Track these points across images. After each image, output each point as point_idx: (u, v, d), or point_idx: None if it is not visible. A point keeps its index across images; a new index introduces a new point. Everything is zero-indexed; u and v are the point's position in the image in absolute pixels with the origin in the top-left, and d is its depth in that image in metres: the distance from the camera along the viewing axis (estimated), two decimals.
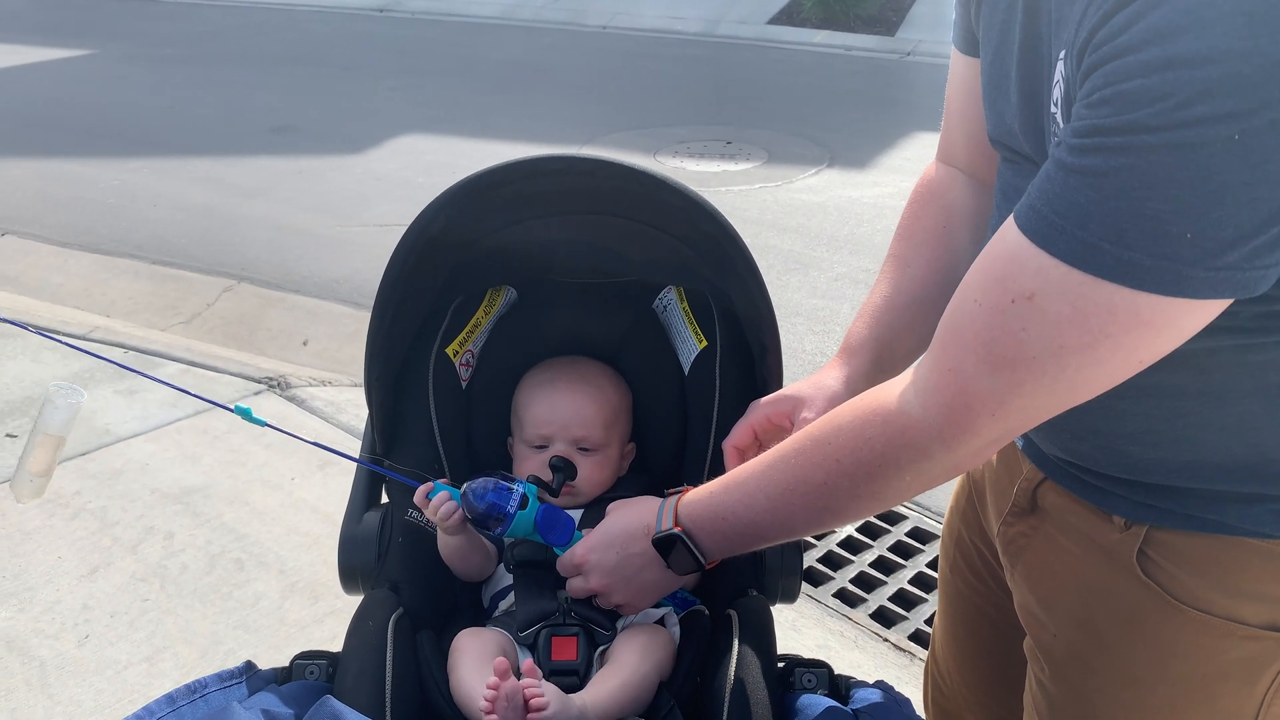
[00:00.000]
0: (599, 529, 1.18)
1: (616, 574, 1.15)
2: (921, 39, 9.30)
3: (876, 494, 0.94)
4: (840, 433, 0.95)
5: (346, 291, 4.61)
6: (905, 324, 1.20)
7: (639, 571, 1.13)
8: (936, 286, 1.18)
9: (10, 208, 5.61)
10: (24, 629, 2.47)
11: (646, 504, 1.14)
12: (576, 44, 9.76)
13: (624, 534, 1.14)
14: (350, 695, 1.10)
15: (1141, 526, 1.00)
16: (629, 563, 1.14)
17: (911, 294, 1.20)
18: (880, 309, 1.21)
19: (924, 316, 1.19)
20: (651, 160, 6.28)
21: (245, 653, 2.39)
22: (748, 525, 1.02)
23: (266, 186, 5.95)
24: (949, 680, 1.47)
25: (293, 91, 8.06)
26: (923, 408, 0.87)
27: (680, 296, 1.53)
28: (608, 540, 1.16)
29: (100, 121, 7.22)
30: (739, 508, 1.02)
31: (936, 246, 1.21)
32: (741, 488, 1.03)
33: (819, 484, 0.95)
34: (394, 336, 1.42)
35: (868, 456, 0.92)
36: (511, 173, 1.33)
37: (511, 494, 1.25)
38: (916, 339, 1.21)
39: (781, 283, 4.55)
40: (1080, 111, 0.74)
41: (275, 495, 3.02)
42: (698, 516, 1.06)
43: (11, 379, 3.61)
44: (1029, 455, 1.13)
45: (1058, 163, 0.76)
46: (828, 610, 2.62)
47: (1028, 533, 1.14)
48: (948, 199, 1.22)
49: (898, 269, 1.22)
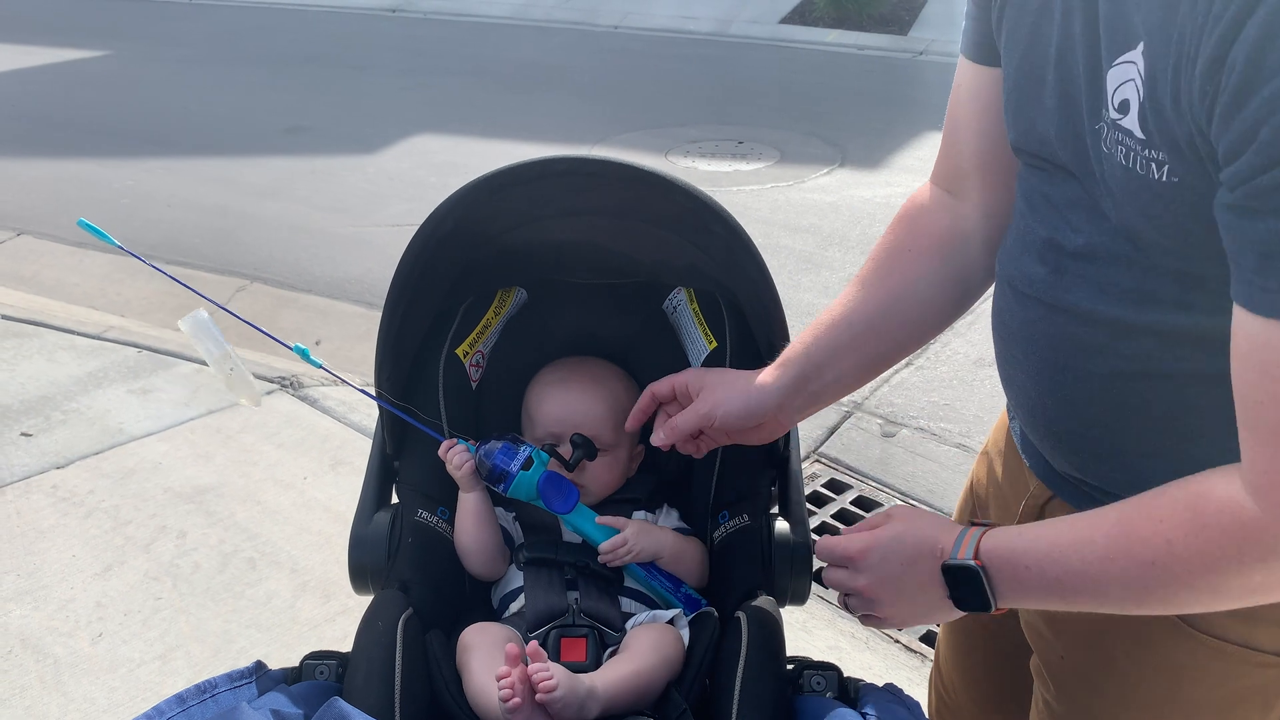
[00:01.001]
0: (888, 532, 1.05)
1: (892, 586, 1.04)
2: (934, 38, 9.27)
3: (1217, 589, 0.85)
4: (1172, 510, 0.86)
5: (359, 291, 4.63)
6: (843, 346, 1.18)
7: (917, 591, 1.03)
8: (883, 315, 1.17)
9: (25, 208, 5.64)
10: (38, 627, 2.49)
11: (942, 523, 1.04)
12: (588, 44, 9.76)
13: (915, 548, 1.03)
14: (360, 695, 1.10)
15: None
16: (910, 578, 1.03)
17: (857, 318, 1.18)
18: (824, 327, 1.19)
19: (864, 342, 1.18)
20: (663, 160, 6.28)
21: (257, 651, 2.40)
22: (1053, 582, 0.93)
23: (280, 186, 5.97)
24: (953, 695, 1.46)
25: (306, 92, 8.09)
26: (1262, 508, 0.81)
27: (690, 297, 1.53)
28: (896, 548, 1.04)
29: (114, 122, 7.26)
30: (1047, 561, 0.93)
31: (896, 274, 1.18)
32: (1054, 541, 0.94)
33: (1147, 562, 0.87)
34: (404, 337, 1.42)
35: (1206, 545, 0.83)
36: (521, 173, 1.33)
37: (517, 454, 1.32)
38: (851, 363, 1.19)
39: (793, 283, 4.55)
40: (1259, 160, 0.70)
41: (287, 494, 3.03)
42: (1000, 557, 0.96)
43: (27, 378, 3.64)
44: (1037, 472, 1.11)
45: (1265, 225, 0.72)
46: (839, 611, 2.62)
47: None
48: (925, 225, 1.19)
49: (854, 290, 1.20)
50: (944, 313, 1.19)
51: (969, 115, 1.13)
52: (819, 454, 3.32)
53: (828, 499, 3.07)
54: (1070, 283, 0.95)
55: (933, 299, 1.17)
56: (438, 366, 1.49)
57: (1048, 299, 0.98)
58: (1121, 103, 0.81)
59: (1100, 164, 0.87)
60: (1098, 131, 0.87)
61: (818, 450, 3.34)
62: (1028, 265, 1.01)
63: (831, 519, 2.98)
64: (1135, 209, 0.85)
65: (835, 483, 3.15)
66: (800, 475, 1.45)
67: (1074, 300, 0.95)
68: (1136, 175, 0.83)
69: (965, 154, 1.15)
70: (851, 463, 3.26)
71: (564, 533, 1.39)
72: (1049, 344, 0.99)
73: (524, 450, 1.34)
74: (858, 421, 3.52)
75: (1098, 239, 0.91)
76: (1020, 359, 1.05)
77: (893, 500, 3.07)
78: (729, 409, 1.20)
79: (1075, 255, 0.94)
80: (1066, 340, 0.97)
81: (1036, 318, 1.00)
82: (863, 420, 3.53)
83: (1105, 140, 0.86)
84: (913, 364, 3.87)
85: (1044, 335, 1.00)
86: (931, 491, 3.13)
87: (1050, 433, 1.05)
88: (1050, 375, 1.00)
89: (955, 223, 1.16)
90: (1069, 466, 1.05)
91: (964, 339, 4.04)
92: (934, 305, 1.17)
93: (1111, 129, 0.83)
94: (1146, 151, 0.81)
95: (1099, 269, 0.92)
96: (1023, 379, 1.06)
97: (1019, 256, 1.03)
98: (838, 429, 3.46)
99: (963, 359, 3.91)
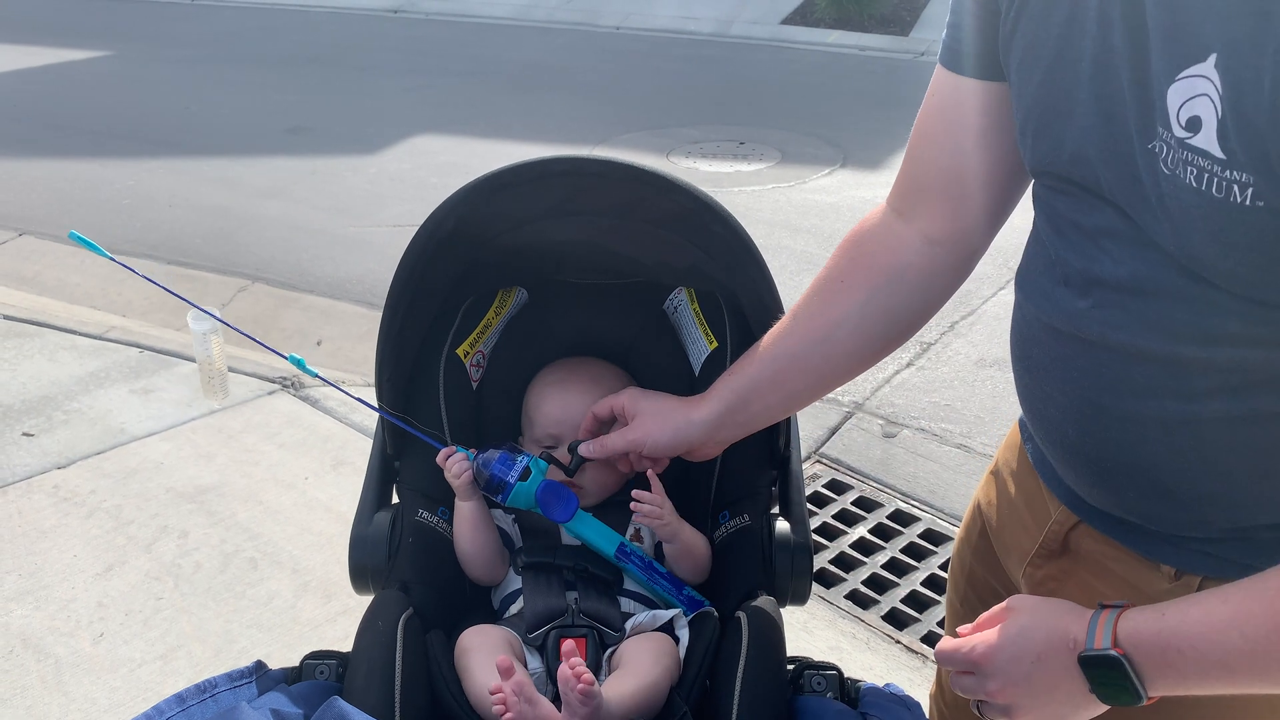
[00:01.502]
0: (1011, 628, 0.95)
1: (1025, 687, 0.93)
2: (936, 39, 9.16)
3: None
4: None
5: (360, 292, 4.63)
6: (766, 380, 1.19)
7: (1052, 689, 0.92)
8: (806, 352, 1.16)
9: (27, 208, 5.65)
10: (39, 627, 2.49)
11: (1067, 609, 0.94)
12: (590, 45, 9.76)
13: (1044, 642, 0.93)
14: (360, 695, 1.10)
15: (1194, 577, 0.94)
16: (1042, 677, 0.92)
17: (781, 353, 1.18)
18: (752, 361, 1.20)
19: (787, 378, 1.19)
20: (665, 161, 6.28)
21: (258, 651, 2.40)
22: (1215, 665, 0.83)
23: (281, 187, 5.98)
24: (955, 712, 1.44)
25: (307, 92, 8.09)
26: None
27: (691, 297, 1.53)
28: (1024, 645, 0.94)
29: (116, 122, 7.26)
30: (1203, 642, 0.83)
31: (826, 300, 1.16)
32: (1207, 619, 0.84)
33: None
34: (405, 337, 1.42)
35: None
36: (522, 174, 1.33)
37: (515, 464, 1.31)
38: (777, 397, 1.20)
39: (795, 284, 4.53)
40: None
41: (289, 494, 3.03)
42: (1145, 641, 0.86)
43: (29, 378, 3.64)
44: (1060, 497, 1.07)
45: None
46: (840, 612, 2.62)
47: (1058, 575, 1.09)
48: (863, 256, 1.16)
49: (786, 322, 1.19)
50: (869, 350, 1.17)
51: (943, 130, 1.08)
52: (820, 454, 3.32)
53: (829, 499, 3.07)
54: (1115, 318, 0.89)
55: (856, 337, 1.15)
56: (438, 366, 1.49)
57: (1087, 334, 0.92)
58: (1190, 120, 0.76)
59: (1157, 186, 0.81)
60: (1152, 152, 0.80)
61: (819, 451, 3.34)
62: (1061, 298, 0.95)
63: (832, 519, 2.98)
64: (1206, 235, 0.78)
65: (836, 483, 3.15)
66: (801, 475, 1.45)
67: (1120, 337, 0.89)
68: (1211, 198, 0.76)
69: (930, 171, 1.11)
70: (852, 463, 3.26)
71: (563, 536, 1.39)
72: (1090, 382, 0.93)
73: (522, 460, 1.32)
74: (859, 422, 3.51)
75: (1144, 270, 0.85)
76: (1055, 396, 0.99)
77: (894, 501, 3.07)
78: (657, 440, 1.25)
79: (1118, 288, 0.88)
80: (1111, 379, 0.91)
81: (1073, 353, 0.94)
82: (864, 421, 3.52)
83: (1166, 161, 0.79)
84: (914, 364, 3.87)
85: (1082, 372, 0.94)
86: (933, 492, 3.13)
87: (1089, 471, 1.00)
88: (1092, 415, 0.95)
89: (894, 254, 1.13)
90: (1107, 503, 1.00)
91: (965, 339, 4.04)
92: (857, 343, 1.16)
93: (1176, 148, 0.78)
94: (1227, 173, 0.75)
95: (1148, 303, 0.86)
96: (1055, 415, 1.00)
97: (1049, 288, 0.96)
98: (839, 429, 3.46)
99: (964, 359, 3.91)
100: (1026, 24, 0.92)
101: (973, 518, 1.31)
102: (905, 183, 1.14)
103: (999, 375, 3.77)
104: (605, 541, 1.33)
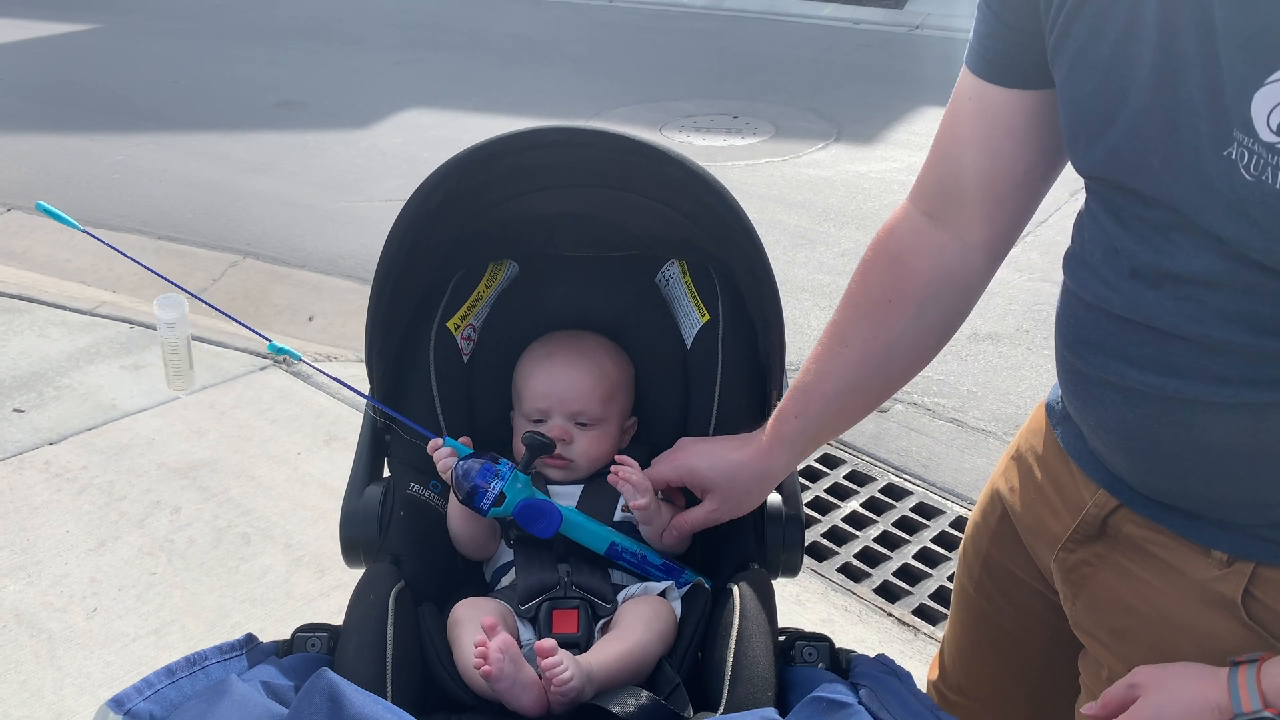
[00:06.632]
0: (1147, 708, 0.92)
1: None
2: (930, 12, 9.21)
3: None
4: None
5: (351, 267, 4.61)
6: (835, 413, 1.19)
7: None
8: (869, 371, 1.16)
9: (15, 183, 5.60)
10: (33, 602, 2.49)
11: (1197, 674, 0.91)
12: (583, 18, 9.69)
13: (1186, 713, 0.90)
14: (351, 667, 1.10)
15: (1247, 564, 0.93)
16: None
17: (843, 380, 1.16)
18: (812, 396, 1.19)
19: (855, 404, 1.19)
20: (658, 135, 6.25)
21: (252, 626, 2.40)
22: None
23: (272, 161, 5.94)
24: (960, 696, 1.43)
25: (298, 66, 8.03)
26: None
27: (683, 270, 1.52)
28: None
29: (105, 96, 7.20)
30: None
31: (877, 323, 1.14)
32: None
33: None
34: (394, 311, 1.41)
35: None
36: (511, 144, 1.32)
37: (487, 493, 1.25)
38: (844, 424, 1.21)
39: (788, 258, 4.53)
40: None
41: (281, 470, 3.03)
42: None
43: (18, 354, 3.62)
44: (1098, 480, 1.06)
45: None
46: (832, 585, 2.63)
47: (1092, 560, 1.08)
48: (906, 262, 1.14)
49: (834, 346, 1.17)
50: (924, 359, 1.19)
51: (981, 134, 1.06)
52: None
53: (821, 473, 3.08)
54: (1190, 309, 0.87)
55: (912, 353, 1.17)
56: (429, 340, 1.48)
57: (1158, 324, 0.90)
58: None
59: (1235, 192, 0.80)
60: (1229, 159, 0.79)
61: None
62: (1128, 289, 0.92)
63: (825, 493, 2.98)
64: None
65: (828, 457, 3.16)
66: None
67: (1195, 329, 0.87)
68: None
69: (966, 175, 1.09)
70: (845, 437, 3.26)
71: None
72: (1158, 370, 0.92)
73: (494, 486, 1.26)
74: None
75: (1220, 265, 0.84)
76: (1113, 381, 0.98)
77: (886, 476, 3.07)
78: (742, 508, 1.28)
79: (1194, 281, 0.87)
80: (1183, 367, 0.90)
81: (1139, 340, 0.93)
82: None
83: (1249, 167, 0.78)
84: None
85: (1149, 359, 0.92)
86: (925, 466, 3.13)
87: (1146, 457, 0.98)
88: (1158, 401, 0.93)
89: (934, 264, 1.12)
90: (1161, 489, 0.98)
91: None
92: (913, 357, 1.18)
93: (1263, 153, 0.77)
94: None
95: (1228, 297, 0.85)
96: (1114, 399, 0.97)
97: (1113, 278, 0.94)
98: None
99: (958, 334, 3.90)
100: (1078, 31, 0.91)
101: (991, 503, 1.29)
102: (935, 186, 1.13)
103: (991, 350, 3.77)
104: (596, 541, 1.31)
